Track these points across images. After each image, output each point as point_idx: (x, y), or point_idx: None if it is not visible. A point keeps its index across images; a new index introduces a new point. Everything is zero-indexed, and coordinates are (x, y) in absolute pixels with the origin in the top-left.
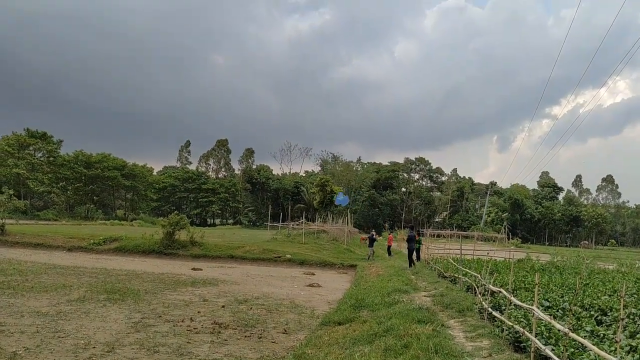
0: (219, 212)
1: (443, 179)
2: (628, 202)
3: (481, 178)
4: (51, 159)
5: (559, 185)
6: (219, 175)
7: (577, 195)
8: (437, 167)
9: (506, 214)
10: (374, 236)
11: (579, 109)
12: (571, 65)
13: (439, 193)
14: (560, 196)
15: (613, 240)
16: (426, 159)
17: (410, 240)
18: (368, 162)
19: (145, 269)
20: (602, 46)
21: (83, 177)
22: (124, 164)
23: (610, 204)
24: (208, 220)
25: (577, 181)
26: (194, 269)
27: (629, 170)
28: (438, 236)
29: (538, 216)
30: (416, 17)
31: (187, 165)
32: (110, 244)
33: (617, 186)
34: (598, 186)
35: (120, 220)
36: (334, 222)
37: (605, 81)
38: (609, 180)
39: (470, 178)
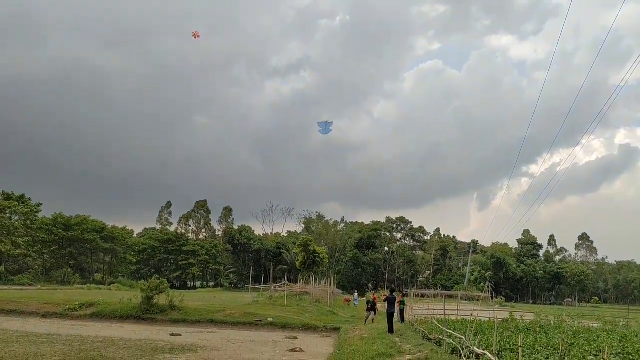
0: (200, 274)
1: (426, 238)
2: (607, 258)
3: (463, 236)
4: (28, 222)
5: (539, 242)
6: (200, 237)
7: (552, 252)
8: (420, 227)
9: (489, 272)
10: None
11: (556, 167)
12: (547, 124)
13: (421, 252)
14: (541, 253)
15: (596, 298)
16: (407, 218)
17: (390, 302)
18: (351, 222)
19: (123, 336)
20: (575, 106)
21: (61, 240)
22: (104, 226)
23: (589, 260)
24: (188, 283)
25: (551, 240)
26: (172, 334)
27: (606, 226)
28: (422, 296)
29: (520, 274)
30: (395, 79)
31: (167, 227)
32: (87, 310)
33: (592, 243)
34: (576, 244)
35: (98, 285)
36: (316, 283)
37: (579, 140)
38: (584, 238)
39: (454, 237)
